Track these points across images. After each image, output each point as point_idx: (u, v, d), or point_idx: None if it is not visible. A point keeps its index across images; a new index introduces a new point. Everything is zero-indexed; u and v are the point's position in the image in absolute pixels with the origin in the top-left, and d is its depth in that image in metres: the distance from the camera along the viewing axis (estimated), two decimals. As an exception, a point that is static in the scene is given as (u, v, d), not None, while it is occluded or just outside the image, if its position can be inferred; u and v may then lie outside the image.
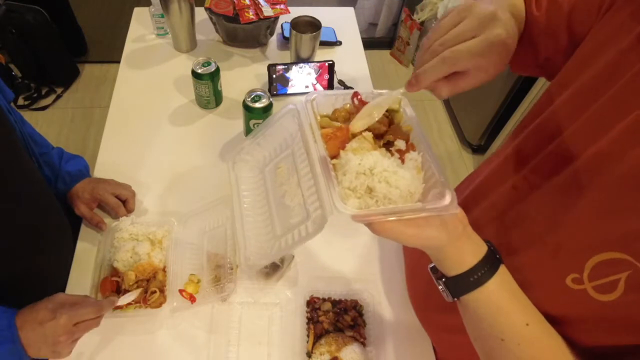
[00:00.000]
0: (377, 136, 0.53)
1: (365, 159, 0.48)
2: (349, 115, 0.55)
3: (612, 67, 0.49)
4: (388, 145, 0.53)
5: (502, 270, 0.51)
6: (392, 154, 0.51)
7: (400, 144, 0.52)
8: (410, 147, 0.53)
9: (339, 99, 0.58)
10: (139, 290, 0.83)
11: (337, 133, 0.52)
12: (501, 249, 0.57)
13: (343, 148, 0.51)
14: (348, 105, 0.57)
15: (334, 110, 0.57)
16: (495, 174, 0.67)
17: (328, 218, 0.50)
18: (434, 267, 0.55)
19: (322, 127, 0.54)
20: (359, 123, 0.51)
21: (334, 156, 0.51)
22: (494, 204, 0.64)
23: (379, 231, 0.48)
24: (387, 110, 0.54)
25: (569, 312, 0.50)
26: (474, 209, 0.69)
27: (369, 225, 0.48)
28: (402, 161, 0.51)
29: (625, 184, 0.44)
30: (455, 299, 0.53)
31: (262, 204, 0.67)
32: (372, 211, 0.47)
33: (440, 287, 0.54)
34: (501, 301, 0.51)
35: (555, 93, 0.58)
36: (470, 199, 0.72)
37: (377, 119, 0.52)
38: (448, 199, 0.47)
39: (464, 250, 0.51)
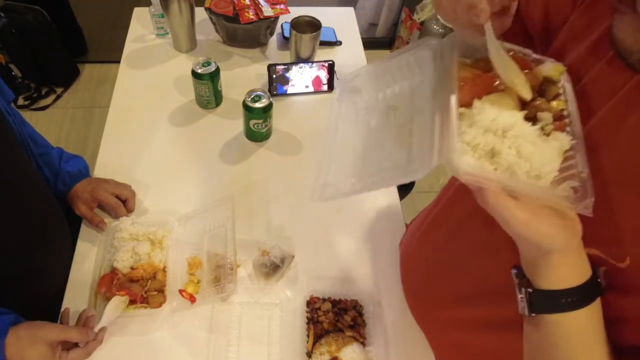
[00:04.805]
0: (522, 107, 0.45)
1: (503, 116, 0.40)
2: (490, 68, 0.46)
3: (578, 65, 0.48)
4: (530, 120, 0.44)
5: (597, 302, 0.44)
6: (537, 124, 0.43)
7: (545, 116, 0.44)
8: (559, 126, 0.43)
9: (482, 49, 0.47)
10: (118, 304, 0.80)
11: (476, 80, 0.44)
12: (485, 247, 0.55)
13: (480, 97, 0.43)
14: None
15: (475, 59, 0.48)
16: None
17: (433, 165, 0.41)
18: (520, 272, 0.48)
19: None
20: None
21: (466, 105, 0.43)
22: (475, 202, 0.64)
23: (488, 202, 0.40)
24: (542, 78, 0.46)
25: None
26: (458, 206, 0.68)
27: (479, 191, 0.41)
28: (547, 135, 0.43)
29: (595, 181, 0.43)
30: (534, 314, 0.46)
31: (363, 138, 0.56)
32: (491, 174, 0.40)
33: (519, 296, 0.47)
34: (585, 335, 0.45)
35: None
36: (456, 197, 0.72)
37: (523, 78, 0.44)
38: (585, 196, 0.40)
39: (570, 266, 0.44)
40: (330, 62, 1.23)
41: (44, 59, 2.32)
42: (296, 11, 1.32)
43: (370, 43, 2.52)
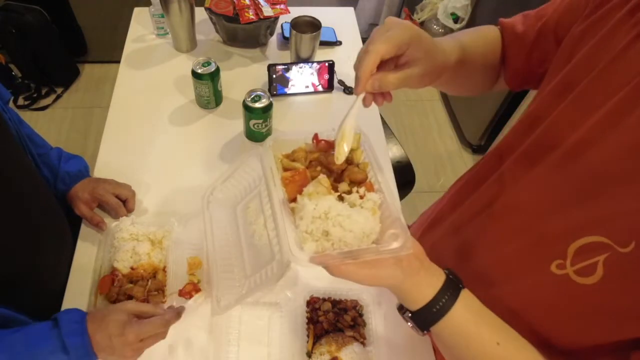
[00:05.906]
0: (336, 176, 0.55)
1: (320, 204, 0.49)
2: (306, 155, 0.58)
3: (593, 54, 0.50)
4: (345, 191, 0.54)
5: (465, 294, 0.52)
6: (352, 192, 0.53)
7: (355, 189, 0.53)
8: (369, 186, 0.53)
9: (299, 139, 0.60)
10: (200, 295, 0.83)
11: (295, 177, 0.54)
12: (486, 242, 0.57)
13: (301, 192, 0.52)
14: (305, 144, 0.59)
15: (292, 150, 0.59)
16: (482, 169, 0.68)
17: (288, 262, 0.52)
18: (401, 305, 0.55)
19: (284, 168, 0.56)
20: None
21: (293, 200, 0.53)
22: (479, 199, 0.65)
23: (335, 273, 0.50)
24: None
25: (554, 299, 0.51)
26: (460, 206, 0.69)
27: (326, 267, 0.50)
28: (362, 197, 0.52)
29: (599, 171, 0.46)
30: (425, 332, 0.53)
31: (235, 243, 0.67)
32: (327, 256, 0.49)
33: (409, 324, 0.55)
34: (468, 326, 0.52)
35: (541, 89, 0.60)
36: (456, 197, 0.73)
37: (348, 148, 0.53)
38: (401, 240, 0.48)
39: (421, 283, 0.52)
40: (330, 62, 1.23)
41: (44, 59, 2.32)
42: (296, 11, 1.32)
43: (370, 43, 2.52)
